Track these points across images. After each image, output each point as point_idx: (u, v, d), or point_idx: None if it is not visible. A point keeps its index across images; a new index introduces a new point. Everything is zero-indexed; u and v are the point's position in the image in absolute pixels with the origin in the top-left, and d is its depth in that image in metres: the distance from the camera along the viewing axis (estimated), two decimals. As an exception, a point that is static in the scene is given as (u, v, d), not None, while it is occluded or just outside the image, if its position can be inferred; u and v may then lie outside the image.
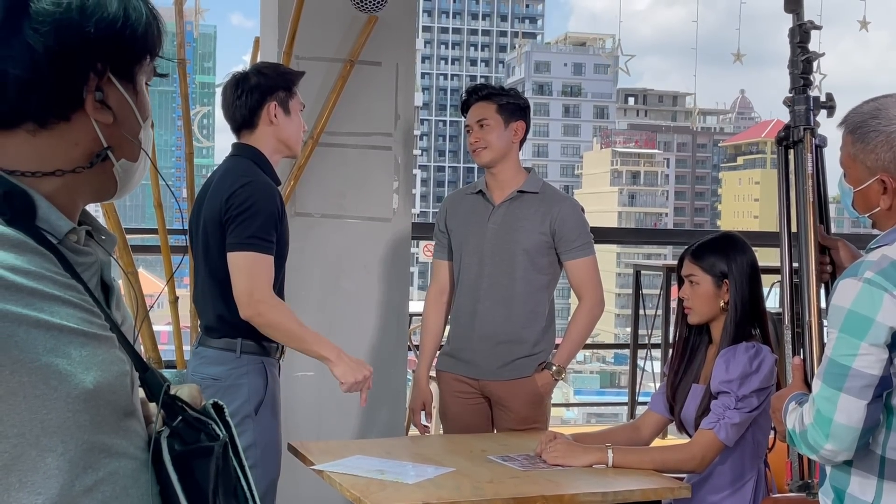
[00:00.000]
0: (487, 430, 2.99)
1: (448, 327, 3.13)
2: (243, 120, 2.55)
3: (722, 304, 2.47)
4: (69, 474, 0.77)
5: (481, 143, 2.93)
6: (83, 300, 0.82)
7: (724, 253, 2.48)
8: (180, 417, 0.87)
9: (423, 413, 3.06)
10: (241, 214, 2.41)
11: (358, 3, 3.16)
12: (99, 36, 0.85)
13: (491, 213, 2.96)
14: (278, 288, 2.50)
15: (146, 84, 0.94)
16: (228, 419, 0.91)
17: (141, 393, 0.88)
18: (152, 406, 0.87)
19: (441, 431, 3.16)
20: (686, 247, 2.57)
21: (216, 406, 0.92)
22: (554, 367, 2.93)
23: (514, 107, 2.96)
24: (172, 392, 0.88)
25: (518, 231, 2.91)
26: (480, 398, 2.99)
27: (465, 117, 3.04)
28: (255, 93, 2.53)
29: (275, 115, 2.54)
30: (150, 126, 0.95)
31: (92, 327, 0.80)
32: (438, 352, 3.12)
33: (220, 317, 2.49)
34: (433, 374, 3.13)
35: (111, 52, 0.87)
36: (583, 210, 3.04)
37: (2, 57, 0.83)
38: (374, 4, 3.15)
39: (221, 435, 0.88)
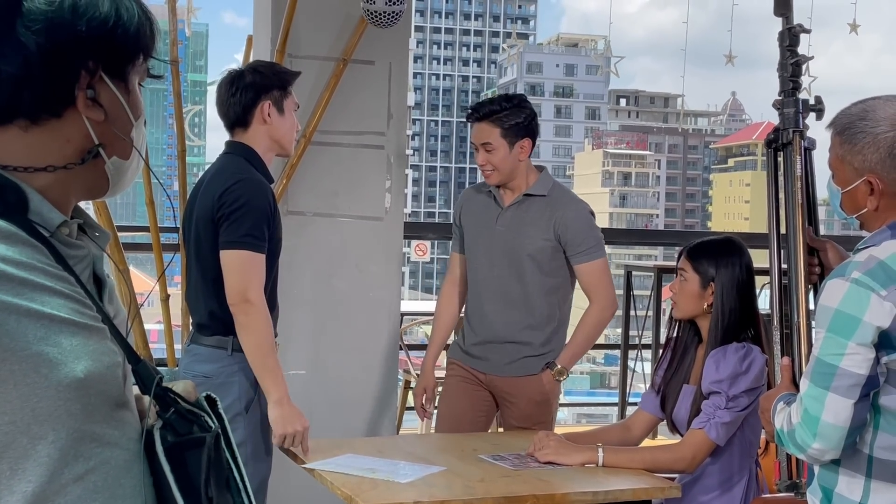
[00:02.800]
0: (482, 420, 3.01)
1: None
2: (237, 118, 2.55)
3: (706, 305, 2.49)
4: (59, 462, 0.78)
5: (488, 167, 2.92)
6: (74, 291, 0.82)
7: (717, 258, 2.49)
8: (173, 409, 0.87)
9: (424, 397, 3.07)
10: (235, 213, 2.41)
11: (374, 20, 3.16)
12: (90, 35, 0.86)
13: (499, 216, 2.96)
14: (271, 286, 2.50)
15: (139, 84, 0.95)
16: (221, 412, 0.92)
17: (135, 389, 0.89)
18: (146, 399, 0.88)
19: (437, 417, 3.17)
20: (684, 245, 2.60)
21: (209, 399, 0.93)
22: (556, 367, 2.94)
23: (517, 128, 2.90)
24: (166, 386, 0.89)
25: (523, 236, 2.92)
26: (485, 390, 3.01)
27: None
28: (250, 91, 2.53)
29: (268, 115, 2.54)
30: (142, 125, 0.96)
31: (83, 318, 0.81)
32: (453, 342, 3.14)
33: (211, 315, 2.49)
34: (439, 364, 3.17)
35: (103, 51, 0.88)
36: (592, 213, 3.01)
37: None
38: (389, 19, 3.15)
39: (214, 426, 0.89)
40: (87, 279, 0.89)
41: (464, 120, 3.06)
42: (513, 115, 2.90)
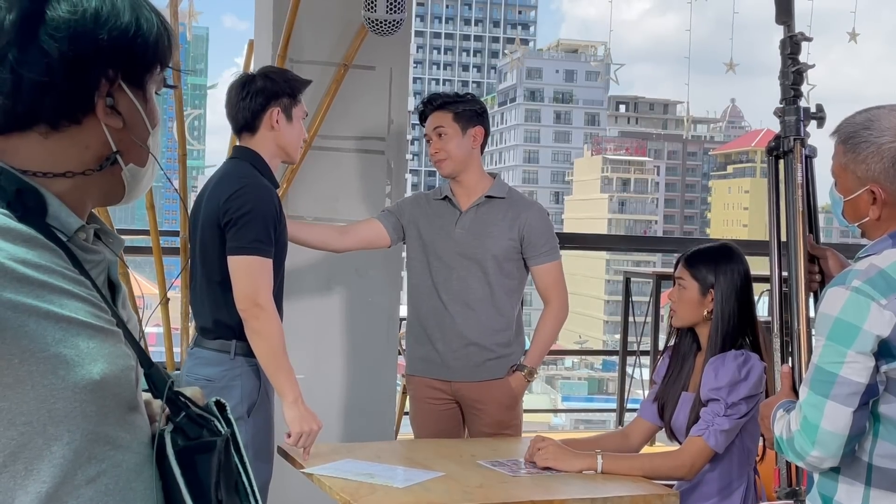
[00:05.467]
0: (458, 435, 3.00)
1: (406, 331, 3.12)
2: (245, 122, 2.55)
3: (706, 312, 2.49)
4: (73, 463, 0.79)
5: (441, 154, 2.94)
6: (91, 295, 0.84)
7: (715, 264, 2.50)
8: (183, 413, 0.89)
9: None
10: (242, 218, 2.41)
11: (375, 28, 3.16)
12: (111, 44, 0.88)
13: (458, 219, 2.96)
14: (277, 290, 2.50)
15: (156, 93, 0.96)
16: (230, 416, 0.94)
17: (146, 395, 0.90)
18: (156, 403, 0.90)
19: (412, 437, 3.17)
20: (682, 251, 2.60)
21: (218, 404, 0.94)
22: (526, 369, 2.95)
23: (470, 113, 2.96)
24: (178, 390, 0.91)
25: (487, 237, 2.93)
26: (452, 403, 3.00)
27: (423, 127, 3.04)
28: (260, 96, 2.53)
29: (276, 121, 2.54)
30: (158, 133, 0.97)
31: (99, 321, 0.83)
32: (406, 355, 3.12)
33: (216, 318, 2.50)
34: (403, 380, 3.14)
35: (123, 60, 0.90)
36: (548, 214, 3.07)
37: (18, 61, 0.85)
38: (390, 28, 3.16)
39: (223, 431, 0.90)
40: (103, 284, 0.91)
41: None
42: (463, 104, 2.97)
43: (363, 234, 3.04)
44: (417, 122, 3.21)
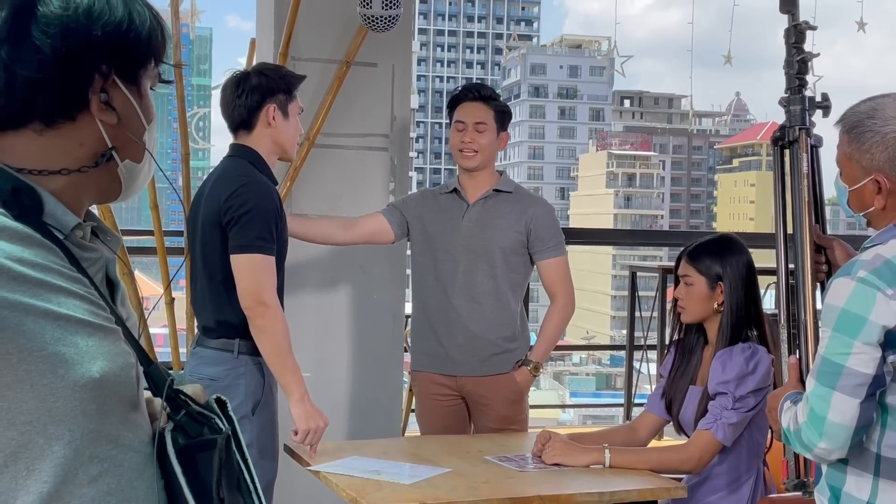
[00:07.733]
0: (465, 431, 3.00)
1: (411, 327, 3.13)
2: (241, 120, 2.55)
3: (715, 305, 2.48)
4: (75, 463, 0.79)
5: (474, 146, 2.94)
6: (89, 293, 0.84)
7: (720, 255, 2.49)
8: (184, 411, 0.89)
9: None
10: (244, 216, 2.41)
11: (371, 24, 3.16)
12: (104, 39, 0.88)
13: (466, 211, 2.97)
14: (279, 287, 2.50)
15: (151, 88, 0.96)
16: (231, 414, 0.93)
17: (147, 394, 0.89)
18: (157, 401, 0.89)
19: (418, 433, 3.17)
20: (684, 247, 2.58)
21: (219, 401, 0.94)
22: (532, 364, 2.95)
23: (505, 116, 3.01)
24: (178, 388, 0.90)
25: (494, 229, 2.94)
26: (458, 398, 2.99)
27: (451, 112, 3.02)
28: (255, 93, 2.52)
29: (273, 118, 2.54)
30: (154, 128, 0.97)
31: (98, 319, 0.82)
32: (411, 351, 3.12)
33: (218, 318, 2.50)
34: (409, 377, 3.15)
35: (116, 55, 0.90)
36: (554, 211, 3.10)
37: (10, 58, 0.85)
38: (385, 23, 3.15)
39: (224, 428, 0.90)
40: (101, 282, 0.90)
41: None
42: (503, 105, 3.03)
43: (367, 228, 3.04)
44: (421, 120, 3.19)
